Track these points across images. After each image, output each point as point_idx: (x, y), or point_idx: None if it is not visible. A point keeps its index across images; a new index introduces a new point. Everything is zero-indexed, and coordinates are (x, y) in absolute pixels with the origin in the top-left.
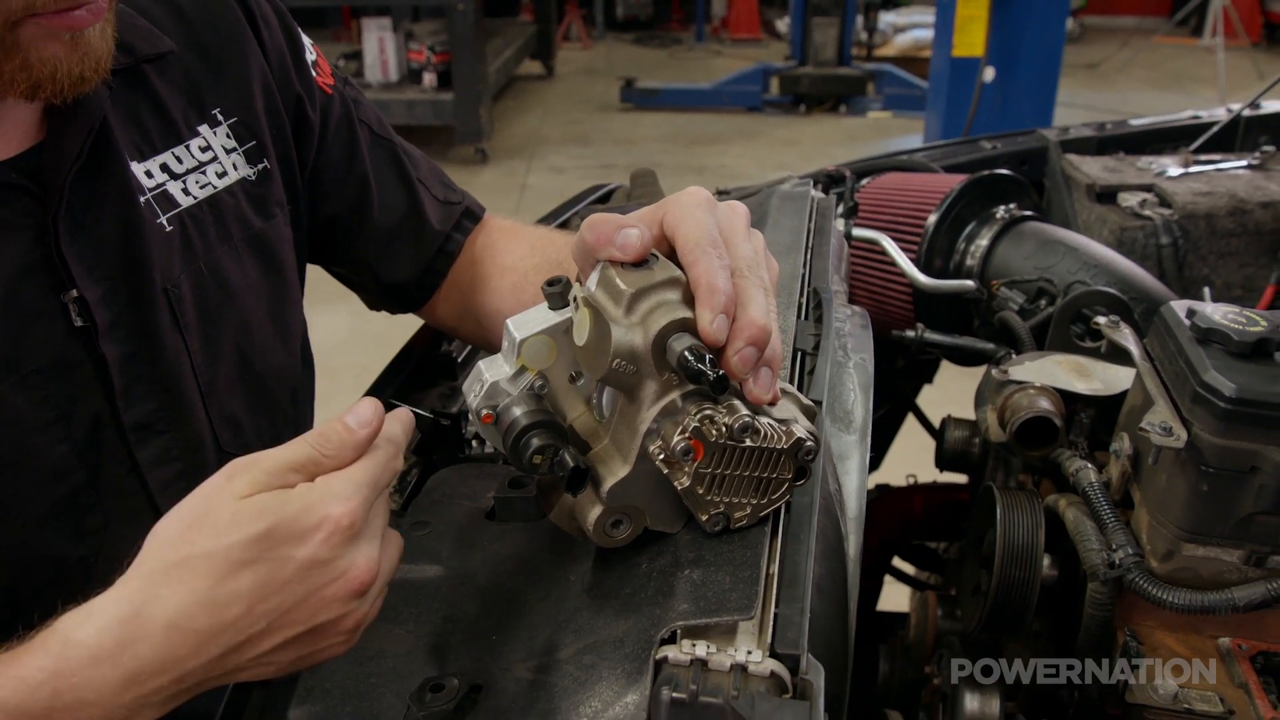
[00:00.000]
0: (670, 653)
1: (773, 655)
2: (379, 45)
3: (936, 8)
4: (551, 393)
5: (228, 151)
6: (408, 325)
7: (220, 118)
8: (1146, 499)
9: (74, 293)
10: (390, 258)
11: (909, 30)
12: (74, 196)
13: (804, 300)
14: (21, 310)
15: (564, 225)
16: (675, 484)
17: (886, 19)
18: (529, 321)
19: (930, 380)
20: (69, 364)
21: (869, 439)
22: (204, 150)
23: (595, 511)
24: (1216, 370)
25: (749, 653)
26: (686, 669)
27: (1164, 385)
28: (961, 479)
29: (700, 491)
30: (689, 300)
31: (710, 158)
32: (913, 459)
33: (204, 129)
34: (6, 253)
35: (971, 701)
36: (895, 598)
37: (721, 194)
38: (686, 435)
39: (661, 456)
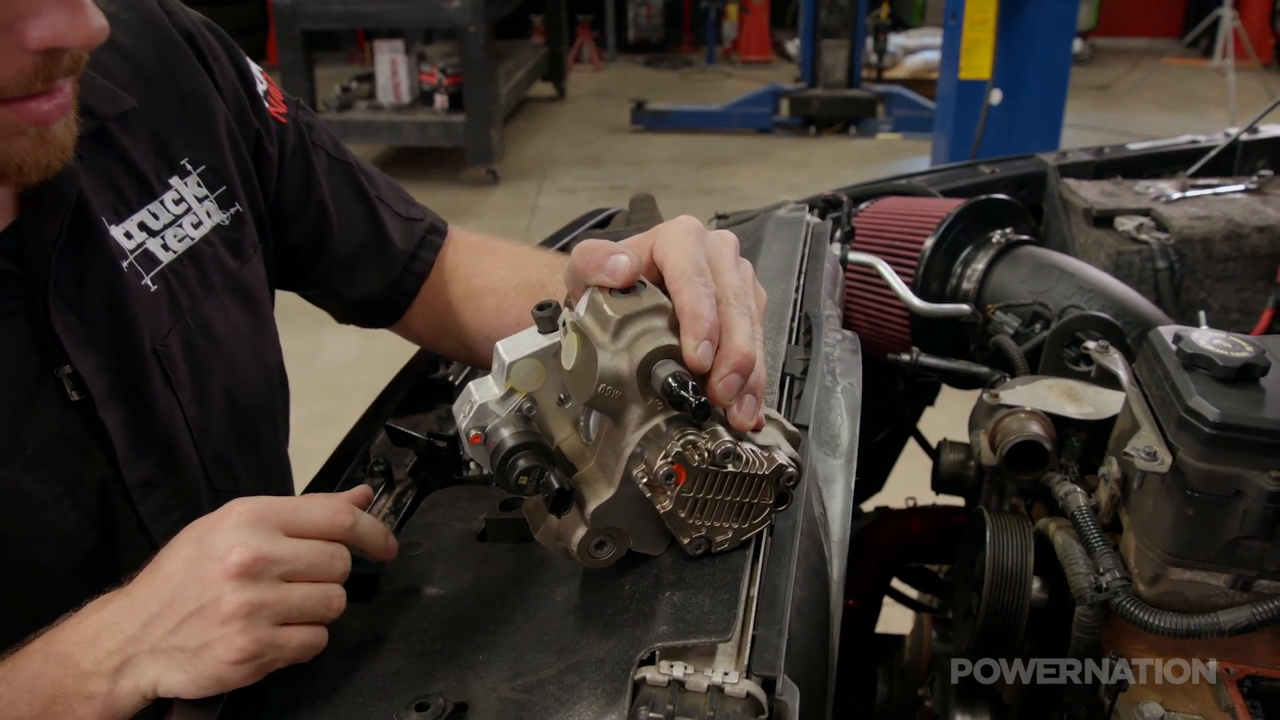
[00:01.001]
0: (649, 673)
1: (749, 677)
2: (391, 67)
3: (944, 31)
4: (540, 415)
5: (200, 200)
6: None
7: (189, 167)
8: (1134, 523)
9: (67, 369)
10: (353, 278)
11: (919, 53)
12: (59, 273)
13: (795, 325)
14: (19, 393)
15: (564, 249)
16: (657, 507)
17: (896, 41)
18: (519, 345)
19: (931, 403)
20: (69, 437)
21: (855, 463)
22: (178, 203)
23: (580, 533)
24: (1201, 395)
25: (725, 674)
26: (664, 690)
27: (1150, 410)
28: (962, 501)
29: (682, 515)
30: (675, 328)
31: (720, 179)
32: (916, 481)
33: (175, 181)
34: (4, 336)
35: None
36: (900, 621)
37: (720, 218)
38: (669, 460)
39: (645, 480)
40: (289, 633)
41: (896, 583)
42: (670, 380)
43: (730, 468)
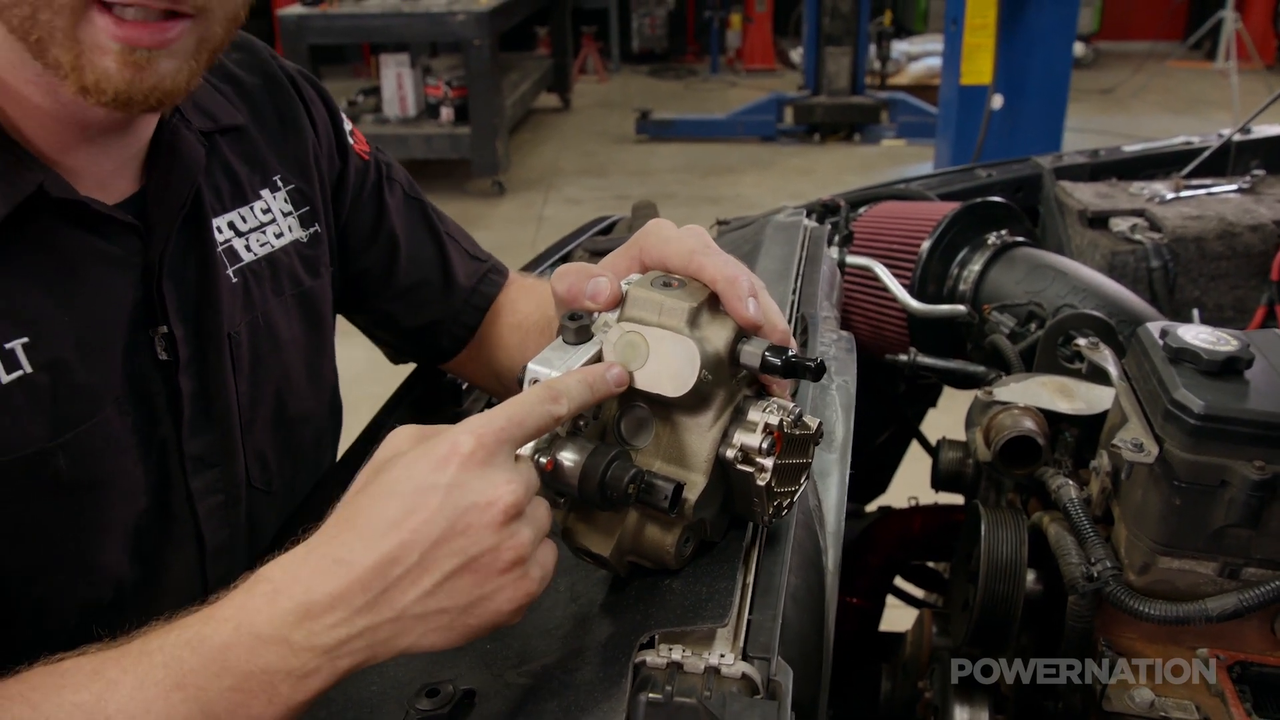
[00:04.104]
0: (648, 657)
1: (745, 659)
2: (397, 81)
3: (945, 37)
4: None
5: (284, 215)
6: None
7: (280, 184)
8: (1124, 514)
9: (164, 329)
10: (415, 306)
11: (922, 59)
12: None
13: (792, 325)
14: (125, 340)
15: (567, 257)
16: (758, 481)
17: (900, 47)
18: (554, 360)
19: (934, 404)
20: (149, 394)
21: (849, 457)
22: (265, 212)
23: (673, 533)
24: (1186, 388)
25: (722, 656)
26: (663, 671)
27: (1139, 403)
28: (962, 499)
29: (774, 485)
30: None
31: (725, 188)
32: (919, 482)
33: (265, 193)
34: (121, 287)
35: (961, 714)
36: (905, 621)
37: (721, 224)
38: (770, 431)
39: (740, 457)
40: (546, 552)
41: (900, 581)
42: (768, 354)
43: (799, 431)
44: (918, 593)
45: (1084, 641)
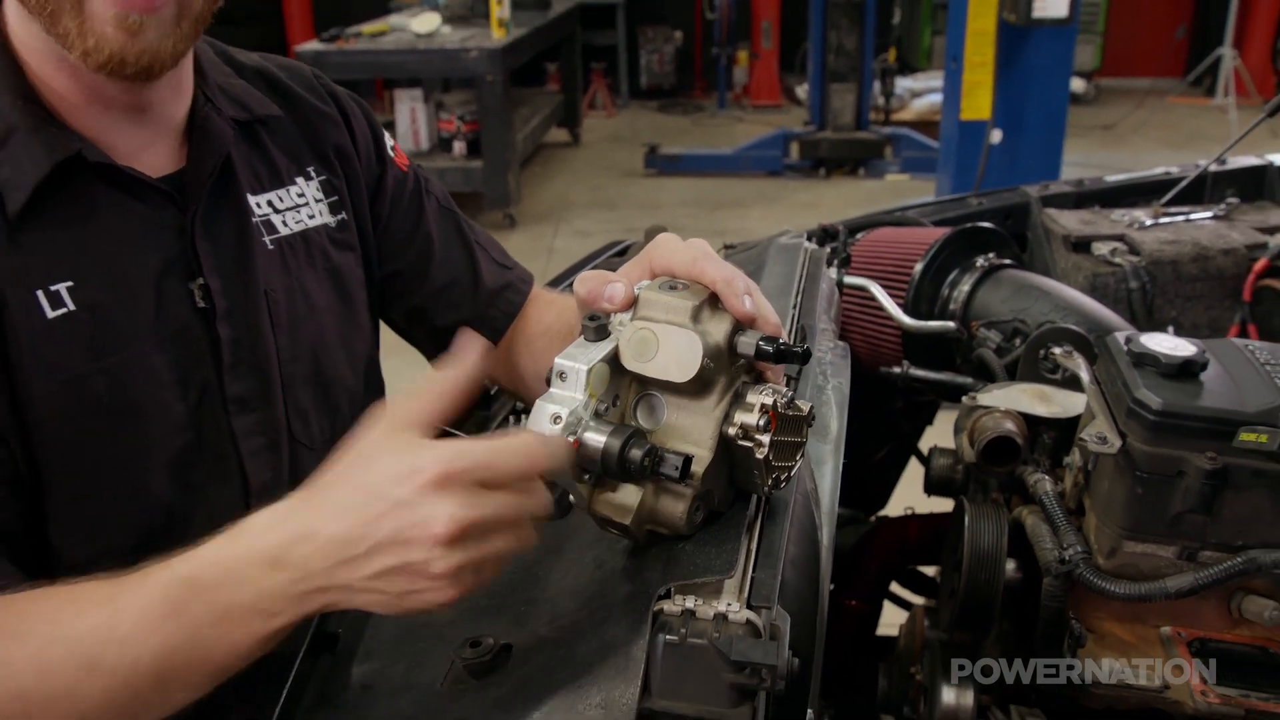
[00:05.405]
0: (665, 606)
1: (749, 607)
2: (410, 115)
3: (945, 74)
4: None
5: (316, 201)
6: None
7: (313, 174)
8: (1093, 503)
9: (200, 281)
10: (445, 304)
11: (925, 95)
12: (206, 207)
13: (792, 334)
14: (165, 289)
15: None
16: (757, 454)
17: (904, 84)
18: (579, 355)
19: (930, 422)
20: (190, 337)
21: (843, 449)
22: (299, 196)
23: (685, 501)
24: (1147, 388)
25: (729, 605)
26: (678, 618)
27: (1106, 403)
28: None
29: (772, 459)
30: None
31: (732, 221)
32: (914, 494)
33: (300, 180)
34: (159, 243)
35: (948, 694)
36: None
37: (728, 248)
38: (766, 410)
39: (741, 434)
40: (489, 570)
41: (896, 587)
42: (761, 343)
43: (792, 411)
44: (916, 599)
45: (1058, 620)
